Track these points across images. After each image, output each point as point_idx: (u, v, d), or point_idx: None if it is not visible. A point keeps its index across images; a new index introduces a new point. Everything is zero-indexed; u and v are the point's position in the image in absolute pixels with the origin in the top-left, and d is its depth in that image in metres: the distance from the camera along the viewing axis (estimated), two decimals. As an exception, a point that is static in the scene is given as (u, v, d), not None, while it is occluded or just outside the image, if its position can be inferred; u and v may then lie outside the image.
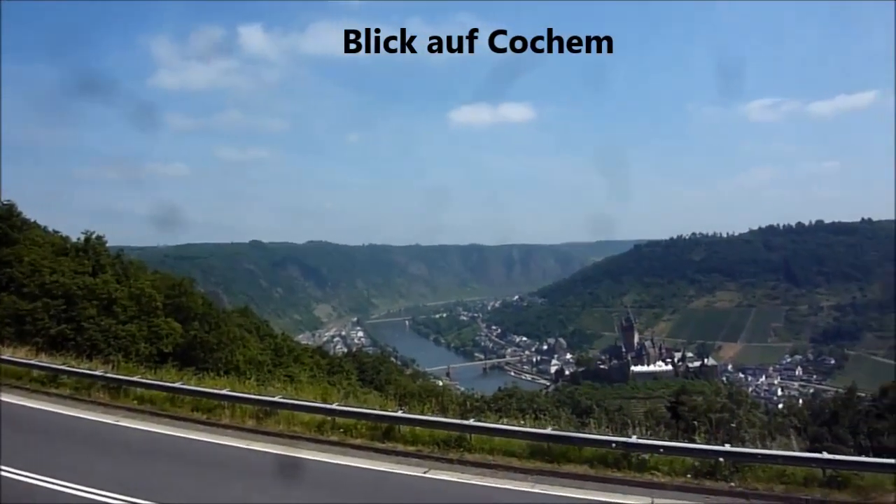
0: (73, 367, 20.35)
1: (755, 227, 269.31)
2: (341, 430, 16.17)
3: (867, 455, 15.44)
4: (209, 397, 18.02)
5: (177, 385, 18.70)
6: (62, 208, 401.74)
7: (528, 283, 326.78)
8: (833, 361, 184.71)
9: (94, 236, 31.96)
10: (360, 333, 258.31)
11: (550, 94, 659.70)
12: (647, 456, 13.71)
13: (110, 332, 26.58)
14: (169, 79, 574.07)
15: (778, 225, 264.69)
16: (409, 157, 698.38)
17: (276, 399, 17.39)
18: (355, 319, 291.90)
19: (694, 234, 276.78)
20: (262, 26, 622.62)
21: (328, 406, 16.89)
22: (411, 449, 15.09)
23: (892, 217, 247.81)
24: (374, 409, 17.36)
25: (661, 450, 13.75)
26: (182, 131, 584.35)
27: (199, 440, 15.67)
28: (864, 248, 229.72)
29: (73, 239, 32.37)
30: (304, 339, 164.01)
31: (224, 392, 17.96)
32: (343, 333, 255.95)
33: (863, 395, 49.50)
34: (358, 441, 15.68)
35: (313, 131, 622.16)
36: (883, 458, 14.56)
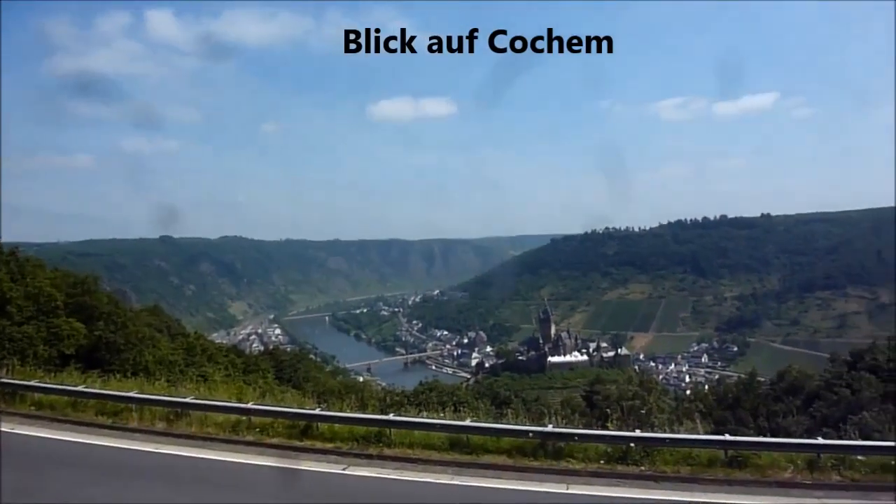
0: (-39, 372, 19.02)
1: (665, 222, 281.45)
2: (257, 429, 15.86)
3: (765, 436, 16.45)
4: (115, 400, 17.24)
5: (79, 388, 17.74)
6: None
7: (449, 278, 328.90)
8: (736, 349, 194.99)
9: (-15, 232, 29.88)
10: (278, 331, 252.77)
11: (471, 90, 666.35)
12: (562, 444, 14.06)
13: (4, 333, 24.82)
14: (69, 64, 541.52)
15: (686, 219, 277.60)
16: (327, 149, 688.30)
17: (187, 400, 16.83)
18: (272, 316, 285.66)
19: (607, 228, 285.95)
20: (172, 11, 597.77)
21: (243, 405, 16.52)
22: (330, 446, 14.96)
23: (787, 212, 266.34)
24: (292, 408, 17.11)
25: (576, 437, 14.14)
26: (84, 120, 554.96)
27: (104, 445, 14.95)
28: (763, 242, 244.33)
29: (-38, 235, 30.07)
30: (218, 337, 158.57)
31: (131, 394, 17.25)
32: (260, 331, 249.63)
33: (762, 379, 52.29)
34: (275, 440, 15.40)
35: (227, 122, 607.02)
36: (779, 437, 15.58)
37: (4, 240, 31.72)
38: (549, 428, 14.32)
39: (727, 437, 13.68)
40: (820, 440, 13.52)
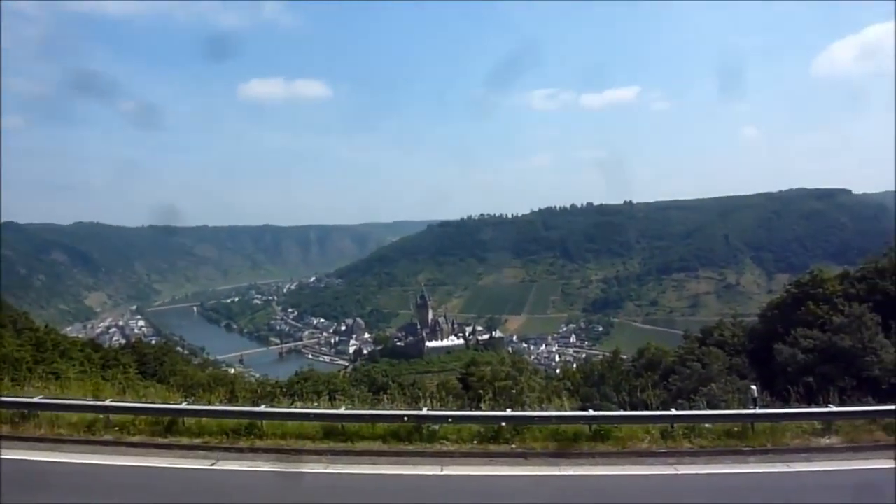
0: None
1: (536, 209, 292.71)
2: (116, 428, 14.91)
3: (626, 410, 17.48)
4: (-53, 403, 15.49)
5: None
6: None
7: (325, 264, 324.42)
8: (601, 329, 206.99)
9: None
10: (141, 323, 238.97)
11: (347, 73, 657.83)
12: (437, 427, 14.25)
13: None
14: None
15: (555, 206, 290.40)
16: (194, 129, 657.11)
17: (35, 400, 15.46)
18: (134, 308, 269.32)
19: (482, 214, 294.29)
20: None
21: (100, 403, 15.43)
22: (197, 441, 14.33)
23: (647, 200, 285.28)
24: (155, 403, 16.20)
25: (450, 419, 14.38)
26: None
27: (-67, 454, 13.37)
28: (626, 228, 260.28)
29: None
30: (73, 331, 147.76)
31: (-34, 396, 15.57)
32: (120, 323, 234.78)
33: (625, 357, 55.31)
34: (136, 438, 14.54)
35: (80, 97, 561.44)
36: (638, 410, 16.61)
37: None
38: (424, 411, 14.46)
39: (591, 412, 14.42)
40: (673, 411, 14.53)
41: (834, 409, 14.20)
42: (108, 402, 15.41)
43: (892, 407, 14.34)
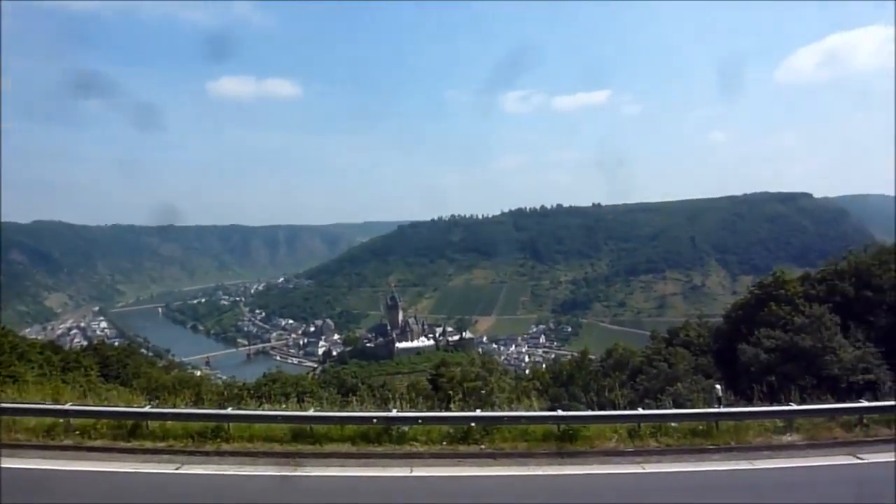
0: None
1: (506, 210, 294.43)
2: (77, 432, 14.53)
3: (594, 409, 17.62)
4: None
5: None
6: None
7: (294, 265, 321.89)
8: (570, 329, 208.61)
9: None
10: (104, 324, 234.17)
11: (318, 73, 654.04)
12: (406, 428, 14.20)
13: None
14: None
15: (525, 207, 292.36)
16: (159, 127, 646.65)
17: (-10, 404, 14.99)
18: (97, 309, 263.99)
19: (453, 215, 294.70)
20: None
21: (60, 407, 15.06)
22: (161, 445, 14.05)
23: (615, 202, 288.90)
24: (117, 406, 15.85)
25: (420, 420, 14.35)
26: None
27: None
28: (595, 230, 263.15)
29: None
30: (32, 332, 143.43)
31: (-82, 401, 15.05)
32: (82, 325, 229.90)
33: (593, 357, 55.84)
34: (97, 442, 14.20)
35: (43, 93, 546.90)
36: (606, 410, 16.77)
37: None
38: (394, 413, 14.40)
39: (560, 412, 14.49)
40: (640, 411, 14.69)
41: (795, 407, 14.52)
42: (68, 406, 15.05)
43: (851, 405, 14.73)
